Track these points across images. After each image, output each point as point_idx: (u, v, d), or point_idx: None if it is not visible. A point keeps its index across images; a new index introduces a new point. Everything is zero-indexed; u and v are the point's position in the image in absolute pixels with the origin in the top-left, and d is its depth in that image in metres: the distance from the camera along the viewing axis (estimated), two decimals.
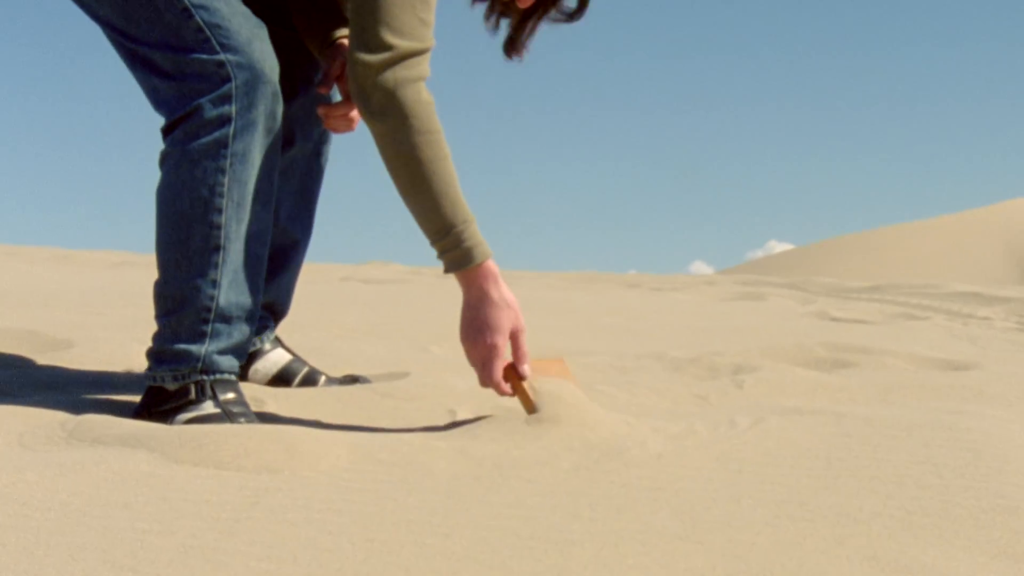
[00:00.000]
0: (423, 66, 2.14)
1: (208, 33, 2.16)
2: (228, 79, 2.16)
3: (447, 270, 2.18)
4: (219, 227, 2.18)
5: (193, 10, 2.16)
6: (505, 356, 2.18)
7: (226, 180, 2.17)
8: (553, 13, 2.35)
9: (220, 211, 2.18)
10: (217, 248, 2.19)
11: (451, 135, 2.16)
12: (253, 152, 2.19)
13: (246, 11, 2.22)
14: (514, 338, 2.18)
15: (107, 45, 2.31)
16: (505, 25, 2.39)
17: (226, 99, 2.16)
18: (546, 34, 2.37)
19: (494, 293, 2.17)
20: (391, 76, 2.10)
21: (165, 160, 2.21)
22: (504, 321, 2.16)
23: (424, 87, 2.13)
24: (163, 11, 2.17)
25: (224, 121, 2.16)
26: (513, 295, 2.19)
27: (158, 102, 2.22)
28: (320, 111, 2.44)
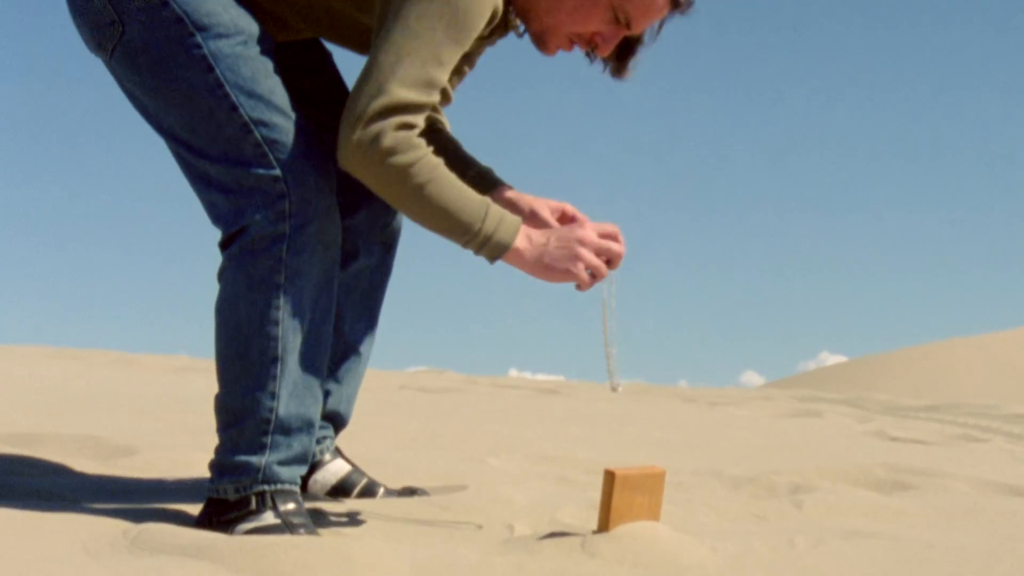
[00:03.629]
0: (417, 118, 2.16)
1: (266, 148, 2.20)
2: (283, 195, 2.19)
3: (492, 261, 2.23)
4: (276, 339, 2.21)
5: (253, 125, 2.21)
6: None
7: (282, 293, 2.20)
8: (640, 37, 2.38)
9: (277, 323, 2.20)
10: (275, 359, 2.21)
11: None
12: (308, 265, 2.22)
13: (307, 125, 2.26)
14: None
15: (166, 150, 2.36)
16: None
17: (281, 214, 2.19)
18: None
19: (538, 254, 2.21)
20: (384, 124, 2.13)
21: (223, 274, 2.25)
22: (565, 255, 2.21)
23: (414, 137, 2.15)
24: (224, 124, 2.21)
25: (279, 236, 2.19)
26: (541, 234, 2.22)
27: (216, 216, 2.26)
28: None
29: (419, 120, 2.17)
